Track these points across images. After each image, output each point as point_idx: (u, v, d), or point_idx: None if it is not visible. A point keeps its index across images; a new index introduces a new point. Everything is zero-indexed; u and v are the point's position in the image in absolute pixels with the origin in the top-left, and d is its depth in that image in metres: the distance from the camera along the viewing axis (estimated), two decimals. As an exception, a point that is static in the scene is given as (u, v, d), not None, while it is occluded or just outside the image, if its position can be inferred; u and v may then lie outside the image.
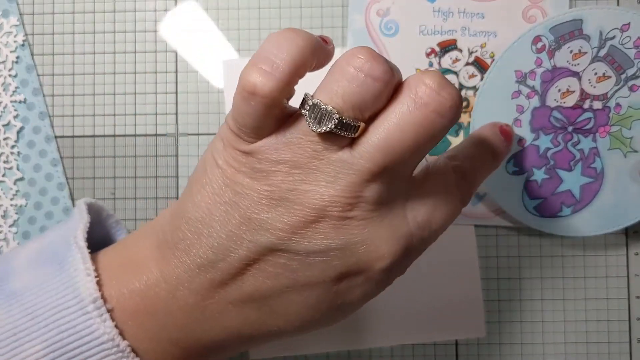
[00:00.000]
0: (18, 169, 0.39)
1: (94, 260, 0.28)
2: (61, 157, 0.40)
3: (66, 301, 0.26)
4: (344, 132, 0.24)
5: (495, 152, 0.32)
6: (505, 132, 0.34)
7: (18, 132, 0.39)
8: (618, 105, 0.37)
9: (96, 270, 0.27)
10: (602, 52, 0.37)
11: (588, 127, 0.37)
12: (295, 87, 0.26)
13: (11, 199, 0.39)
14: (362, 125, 0.25)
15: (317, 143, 0.25)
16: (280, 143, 0.25)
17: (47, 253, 0.28)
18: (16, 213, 0.39)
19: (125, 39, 0.40)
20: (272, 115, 0.25)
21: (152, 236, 0.28)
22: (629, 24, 0.36)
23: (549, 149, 0.38)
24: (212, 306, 0.26)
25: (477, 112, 0.38)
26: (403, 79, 0.26)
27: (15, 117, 0.39)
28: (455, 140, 0.39)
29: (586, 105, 0.37)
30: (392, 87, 0.25)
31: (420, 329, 0.39)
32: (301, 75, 0.25)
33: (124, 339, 0.26)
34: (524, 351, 0.39)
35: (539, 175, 0.38)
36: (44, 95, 0.40)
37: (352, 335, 0.39)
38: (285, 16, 0.40)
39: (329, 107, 0.24)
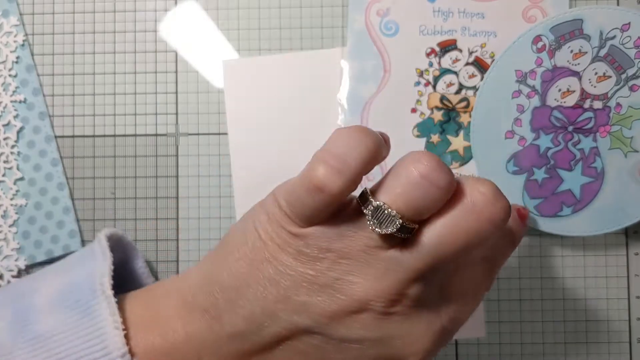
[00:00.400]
0: (18, 169, 0.39)
1: (119, 308, 0.27)
2: (61, 157, 0.40)
3: (93, 352, 0.26)
4: (402, 234, 0.25)
5: (515, 237, 0.32)
6: (522, 215, 0.34)
7: (18, 132, 0.39)
8: (618, 105, 0.37)
9: (124, 322, 0.27)
10: (603, 52, 0.37)
11: (588, 126, 0.37)
12: None
13: (11, 199, 0.39)
14: (416, 227, 0.25)
15: (372, 239, 0.25)
16: (333, 233, 0.25)
17: (70, 295, 0.28)
18: (16, 213, 0.39)
19: (125, 39, 0.40)
20: (331, 209, 0.25)
21: (179, 296, 0.28)
22: (629, 23, 0.36)
23: (549, 148, 0.37)
24: None
25: (477, 112, 0.38)
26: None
27: (15, 117, 0.39)
28: (455, 140, 0.39)
29: (586, 105, 0.37)
30: (451, 194, 0.25)
31: (420, 329, 0.39)
32: (366, 174, 0.25)
33: None
34: (524, 351, 0.39)
35: (539, 174, 0.38)
36: (44, 95, 0.40)
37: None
38: (285, 16, 0.40)
39: (393, 212, 0.24)
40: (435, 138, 0.39)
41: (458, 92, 0.39)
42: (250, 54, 0.40)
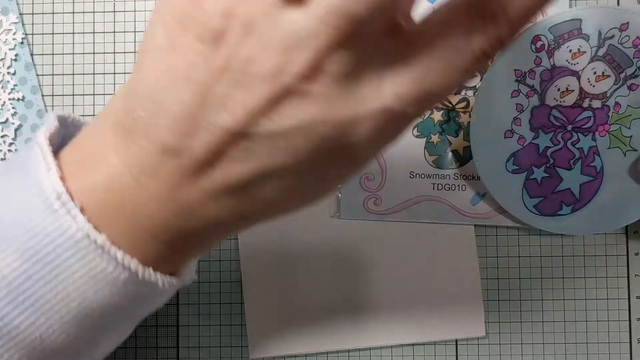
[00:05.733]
0: (17, 167, 0.39)
1: (57, 159, 0.25)
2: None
3: (30, 203, 0.23)
4: None
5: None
6: None
7: (16, 130, 0.39)
8: (617, 104, 0.37)
9: (59, 165, 0.24)
10: (601, 52, 0.37)
11: (587, 125, 0.37)
12: None
13: (9, 197, 0.39)
14: None
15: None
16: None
17: (13, 163, 0.26)
18: None
19: (125, 39, 0.40)
20: None
21: (107, 122, 0.25)
22: (627, 23, 0.36)
23: (548, 147, 0.38)
24: (185, 196, 0.24)
25: (476, 111, 0.38)
26: None
27: (13, 114, 0.39)
28: (455, 141, 0.39)
29: (585, 104, 0.37)
30: None
31: (420, 328, 0.39)
32: None
33: (100, 233, 0.24)
34: (524, 351, 0.39)
35: (538, 174, 0.38)
36: (42, 94, 0.40)
37: (352, 335, 0.39)
38: (285, 16, 0.40)
39: None
40: (435, 138, 0.39)
41: (458, 92, 0.39)
42: (250, 53, 0.40)
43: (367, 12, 0.21)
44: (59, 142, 0.27)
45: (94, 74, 0.40)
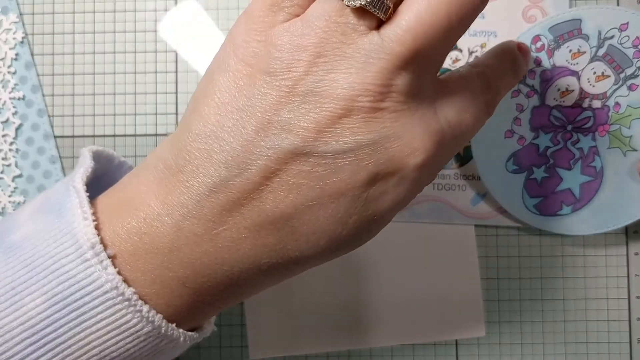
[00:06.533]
0: (16, 166, 0.39)
1: (93, 205, 0.25)
2: (60, 156, 0.40)
3: (64, 249, 0.24)
4: (376, 11, 0.23)
5: (516, 63, 0.31)
6: (522, 49, 0.33)
7: (17, 129, 0.39)
8: (617, 104, 0.37)
9: (95, 214, 0.24)
10: (601, 52, 0.37)
11: (587, 125, 0.37)
12: None
13: (9, 196, 0.39)
14: (392, 7, 0.23)
15: (345, 25, 0.23)
16: (304, 27, 0.23)
17: (48, 203, 0.26)
18: (14, 210, 0.39)
19: (125, 39, 0.40)
20: None
21: (150, 169, 0.25)
22: (627, 23, 0.36)
23: (548, 147, 0.38)
24: (224, 234, 0.24)
25: (476, 111, 0.38)
26: None
27: (14, 114, 0.39)
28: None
29: (585, 104, 0.37)
30: None
31: (420, 329, 0.39)
32: None
33: (129, 286, 0.24)
34: (524, 351, 0.39)
35: (538, 173, 0.38)
36: (43, 93, 0.40)
37: (352, 335, 0.39)
38: (285, 16, 0.40)
39: None
40: (434, 138, 0.39)
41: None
42: (250, 53, 0.40)
43: (441, 37, 0.23)
44: (92, 176, 0.27)
45: (94, 74, 0.40)
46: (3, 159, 0.39)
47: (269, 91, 0.23)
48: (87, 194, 0.25)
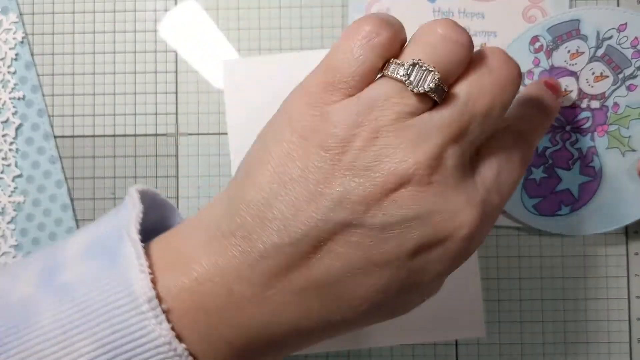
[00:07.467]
0: (16, 166, 0.39)
1: (146, 254, 0.25)
2: (60, 156, 0.40)
3: (118, 299, 0.24)
4: (436, 96, 0.24)
5: (546, 107, 0.32)
6: (551, 85, 0.34)
7: (17, 129, 0.39)
8: (616, 104, 0.37)
9: (150, 266, 0.25)
10: (600, 52, 0.37)
11: (586, 126, 0.37)
12: None
13: (9, 196, 0.39)
14: (447, 90, 0.25)
15: (403, 106, 0.24)
16: (362, 106, 0.24)
17: (98, 245, 0.26)
18: (14, 210, 0.39)
19: (125, 39, 0.40)
20: (376, 66, 0.25)
21: (202, 229, 0.26)
22: (625, 24, 0.36)
23: (547, 147, 0.38)
24: (272, 298, 0.24)
25: (476, 111, 0.38)
26: None
27: (14, 113, 0.39)
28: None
29: (584, 105, 0.37)
30: (471, 54, 0.26)
31: (420, 329, 0.39)
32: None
33: (181, 341, 0.24)
34: (524, 351, 0.39)
35: (537, 174, 0.38)
36: (42, 93, 0.40)
37: (352, 335, 0.39)
38: (285, 16, 0.40)
39: (431, 67, 0.24)
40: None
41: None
42: (250, 54, 0.40)
43: (489, 113, 0.25)
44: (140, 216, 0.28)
45: (94, 74, 0.40)
46: (3, 159, 0.39)
47: (322, 164, 0.24)
48: (142, 245, 0.26)
